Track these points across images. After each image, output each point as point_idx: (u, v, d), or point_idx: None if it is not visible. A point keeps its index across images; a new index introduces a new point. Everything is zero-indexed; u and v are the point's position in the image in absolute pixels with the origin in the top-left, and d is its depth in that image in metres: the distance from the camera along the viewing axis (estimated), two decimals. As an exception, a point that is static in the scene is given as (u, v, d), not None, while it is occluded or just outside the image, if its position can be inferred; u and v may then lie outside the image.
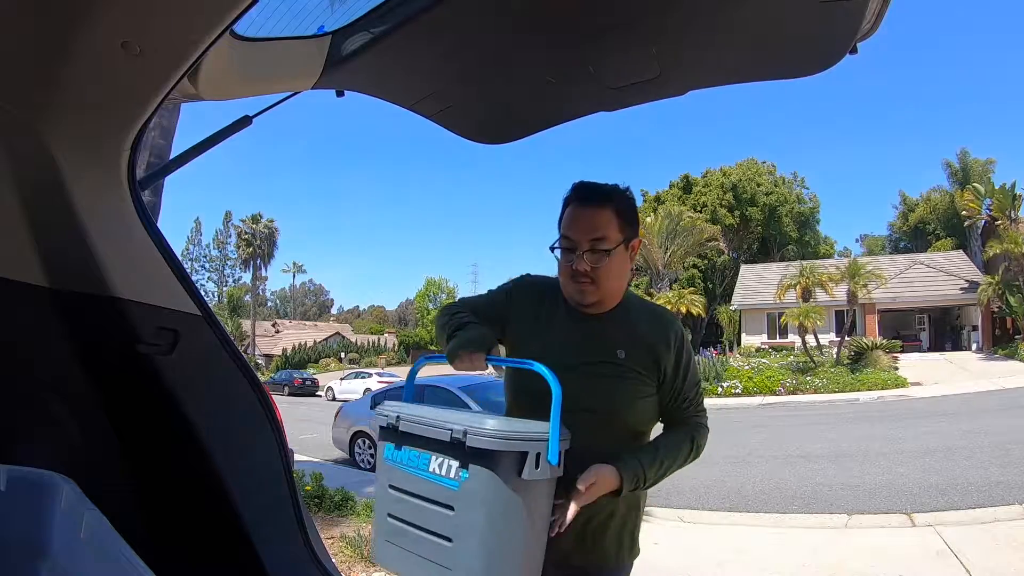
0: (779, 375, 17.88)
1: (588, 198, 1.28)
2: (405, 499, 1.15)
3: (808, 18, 1.11)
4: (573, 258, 1.26)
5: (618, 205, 1.28)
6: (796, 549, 4.14)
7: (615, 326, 1.32)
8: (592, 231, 1.25)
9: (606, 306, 1.33)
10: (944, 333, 28.15)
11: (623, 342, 1.30)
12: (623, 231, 1.28)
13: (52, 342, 1.01)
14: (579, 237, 1.26)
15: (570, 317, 1.34)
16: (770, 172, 37.23)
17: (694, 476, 6.51)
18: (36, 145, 0.87)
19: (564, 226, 1.29)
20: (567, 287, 1.32)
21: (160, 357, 1.05)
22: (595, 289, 1.28)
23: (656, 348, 1.30)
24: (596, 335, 1.30)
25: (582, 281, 1.27)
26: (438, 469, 1.10)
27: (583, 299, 1.29)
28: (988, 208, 22.49)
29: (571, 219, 1.28)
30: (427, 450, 1.12)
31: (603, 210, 1.26)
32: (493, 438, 1.04)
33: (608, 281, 1.28)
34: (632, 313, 1.35)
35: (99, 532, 0.51)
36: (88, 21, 0.74)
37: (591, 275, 1.26)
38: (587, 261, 1.25)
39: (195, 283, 1.15)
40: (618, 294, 1.34)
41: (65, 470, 0.63)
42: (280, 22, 1.17)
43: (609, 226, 1.26)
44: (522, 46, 1.24)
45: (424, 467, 1.12)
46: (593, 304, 1.31)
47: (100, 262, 0.97)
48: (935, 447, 7.63)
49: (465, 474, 1.06)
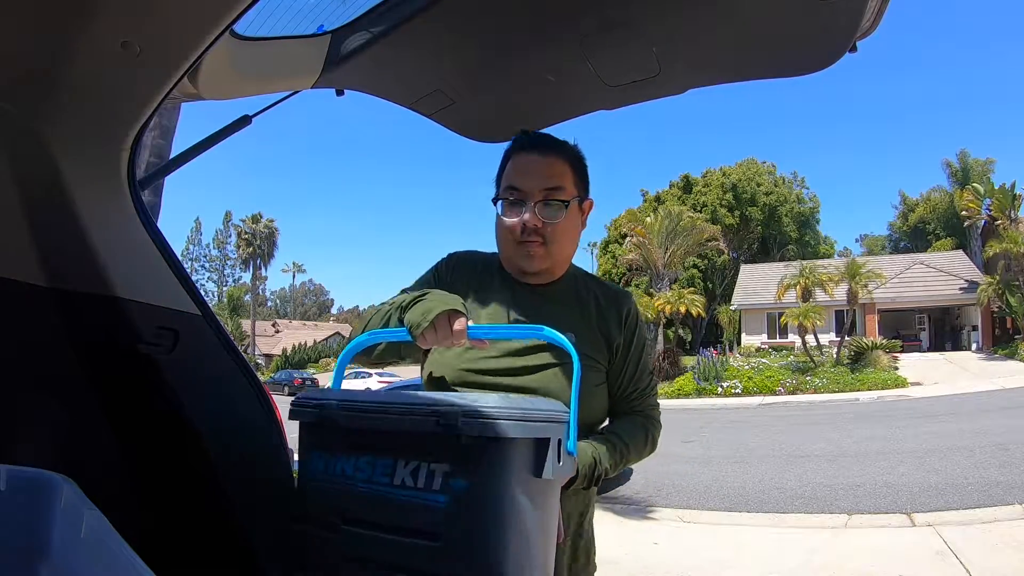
0: (779, 375, 17.88)
1: (541, 144, 1.11)
2: (357, 534, 0.77)
3: (808, 16, 1.11)
4: (522, 212, 1.07)
5: (572, 157, 1.12)
6: (796, 549, 4.14)
7: (563, 302, 1.14)
8: (547, 180, 1.07)
9: (554, 275, 1.15)
10: (944, 333, 28.15)
11: (573, 321, 1.10)
12: (576, 186, 1.12)
13: (52, 342, 1.01)
14: (531, 186, 1.07)
15: (511, 292, 1.14)
16: (770, 172, 37.22)
17: (694, 476, 6.52)
18: (36, 145, 0.87)
19: (510, 176, 1.10)
20: (510, 252, 1.11)
21: (160, 357, 1.05)
22: (545, 253, 1.09)
23: (608, 326, 1.13)
24: (543, 313, 1.08)
25: (531, 241, 1.07)
26: (410, 480, 0.74)
27: (530, 265, 1.09)
28: (988, 208, 22.45)
29: (521, 167, 1.09)
30: (387, 453, 0.77)
31: (558, 159, 1.10)
32: (504, 419, 0.71)
33: (560, 243, 1.10)
34: (580, 286, 1.17)
35: (99, 532, 0.51)
36: (88, 21, 0.74)
37: (543, 233, 1.07)
38: (540, 216, 1.06)
39: (195, 283, 1.15)
40: (566, 263, 1.16)
41: (65, 470, 0.63)
42: (280, 22, 1.17)
43: (565, 176, 1.09)
44: (522, 44, 1.24)
45: (384, 480, 0.76)
46: (540, 273, 1.12)
47: (100, 262, 0.97)
48: (935, 447, 7.62)
49: (460, 482, 0.71)
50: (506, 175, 1.11)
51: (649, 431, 1.16)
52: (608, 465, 1.03)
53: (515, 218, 1.07)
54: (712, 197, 34.81)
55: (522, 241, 1.07)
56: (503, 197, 1.10)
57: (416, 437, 0.74)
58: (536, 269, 1.10)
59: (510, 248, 1.10)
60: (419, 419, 0.73)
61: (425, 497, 0.73)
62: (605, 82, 1.32)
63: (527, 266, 1.10)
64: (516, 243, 1.08)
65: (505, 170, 1.12)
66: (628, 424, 1.14)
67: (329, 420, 0.82)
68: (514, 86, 1.39)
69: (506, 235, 1.10)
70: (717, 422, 12.00)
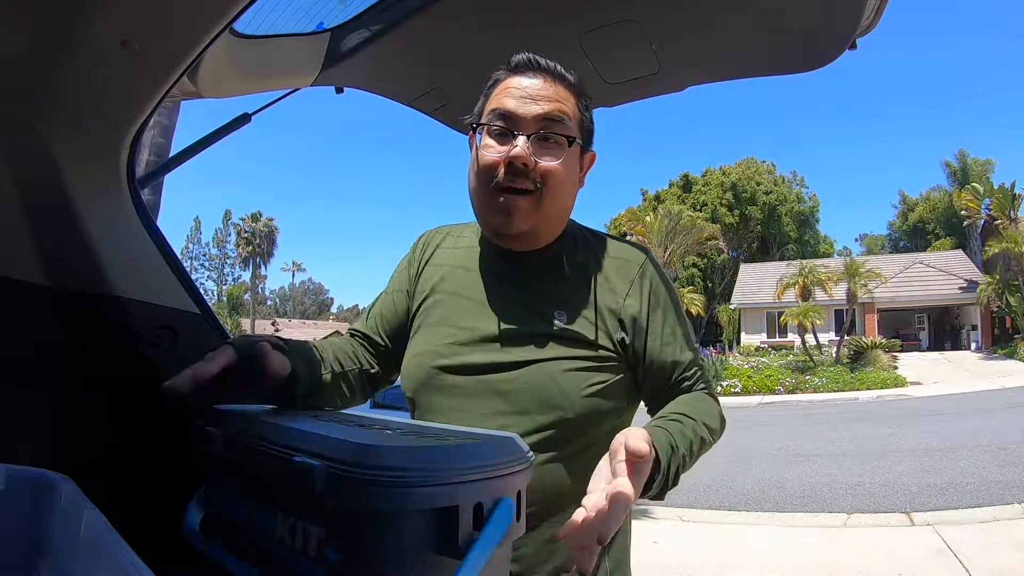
0: (778, 374, 17.86)
1: (540, 66, 0.84)
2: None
3: (807, 13, 1.11)
4: (510, 146, 0.80)
5: (577, 90, 0.86)
6: (795, 548, 4.14)
7: (554, 271, 0.87)
8: (545, 105, 0.81)
9: (541, 238, 0.87)
10: (943, 332, 28.17)
11: (565, 296, 0.85)
12: (581, 128, 0.86)
13: (51, 341, 1.01)
14: (522, 111, 0.80)
15: (489, 260, 0.90)
16: (770, 171, 37.29)
17: (693, 475, 6.50)
18: (36, 144, 0.87)
19: (499, 98, 0.83)
20: (486, 203, 0.83)
21: (159, 356, 1.05)
22: (532, 206, 0.81)
23: (617, 297, 0.85)
24: (526, 286, 0.86)
25: (517, 188, 0.80)
26: (288, 539, 0.55)
27: (508, 223, 0.81)
28: (987, 208, 22.49)
29: (516, 89, 0.83)
30: (267, 502, 0.59)
31: (558, 85, 0.84)
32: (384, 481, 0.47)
33: (556, 193, 0.82)
34: (580, 250, 0.89)
35: (98, 531, 0.51)
36: (88, 19, 0.73)
37: (534, 176, 0.80)
38: (532, 151, 0.79)
39: (195, 282, 1.15)
40: (561, 222, 0.89)
41: (65, 470, 0.63)
42: (279, 19, 1.17)
43: (569, 104, 0.84)
44: (521, 41, 1.24)
45: (267, 531, 0.58)
46: (524, 235, 0.84)
47: (99, 261, 0.97)
48: (934, 446, 7.63)
49: (333, 553, 0.51)
50: (492, 98, 0.84)
51: (716, 405, 0.86)
52: (685, 451, 0.75)
53: (499, 153, 0.80)
54: (712, 196, 34.85)
55: (505, 186, 0.80)
56: (486, 124, 0.83)
57: (288, 487, 0.54)
58: (518, 229, 0.82)
59: (486, 198, 0.83)
60: (287, 466, 0.52)
61: (303, 565, 0.53)
62: (604, 79, 1.31)
63: (506, 225, 0.82)
64: (496, 190, 0.81)
65: (491, 94, 0.85)
66: (689, 399, 0.85)
67: (223, 452, 0.66)
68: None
69: (483, 178, 0.82)
70: (717, 421, 11.99)
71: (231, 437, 0.65)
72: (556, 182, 0.82)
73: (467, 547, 0.49)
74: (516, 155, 0.79)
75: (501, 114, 0.82)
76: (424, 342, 0.89)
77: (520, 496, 0.55)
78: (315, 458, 0.50)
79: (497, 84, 0.86)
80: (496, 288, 0.87)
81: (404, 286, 0.97)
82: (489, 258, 0.91)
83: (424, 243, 0.99)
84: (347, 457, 0.49)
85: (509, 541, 0.54)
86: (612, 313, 0.85)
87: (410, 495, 0.48)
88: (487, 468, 0.53)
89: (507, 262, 0.89)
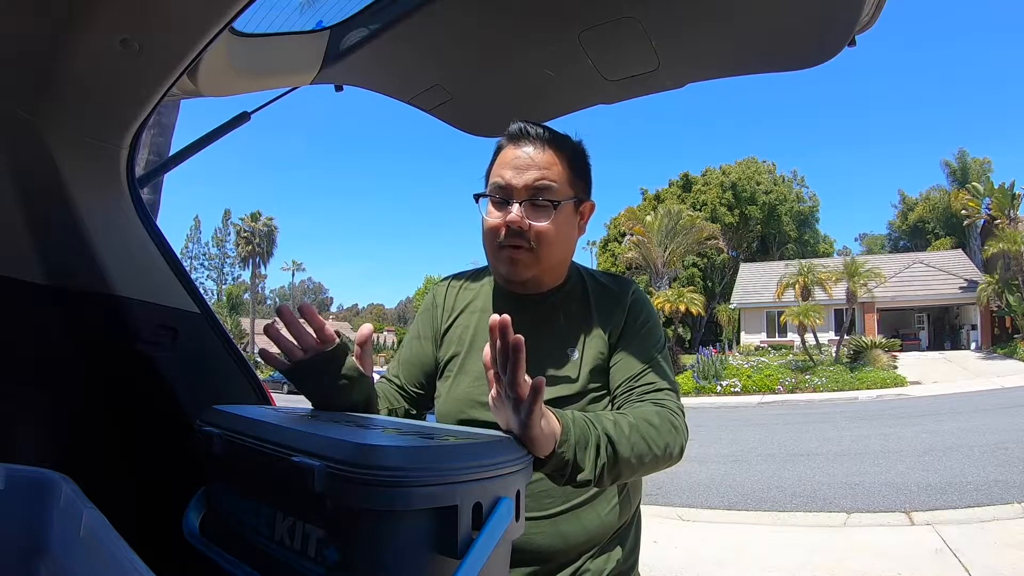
0: (778, 374, 17.88)
1: (535, 137, 0.99)
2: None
3: (806, 9, 1.11)
4: (506, 212, 0.96)
5: (568, 151, 1.01)
6: (795, 547, 4.14)
7: (565, 310, 1.02)
8: (533, 175, 0.96)
9: (545, 284, 1.03)
10: (943, 332, 28.19)
11: (576, 333, 0.99)
12: (573, 186, 1.00)
13: (51, 340, 1.01)
14: (515, 182, 0.96)
15: (504, 302, 1.02)
16: (770, 171, 37.29)
17: (693, 474, 6.52)
18: (36, 144, 0.87)
19: (498, 170, 0.99)
20: (494, 257, 1.00)
21: (159, 355, 1.05)
22: (532, 259, 0.96)
23: (612, 328, 1.00)
24: (541, 323, 0.99)
25: (515, 245, 0.96)
26: (287, 539, 0.56)
27: (513, 272, 0.98)
28: (987, 207, 22.51)
29: (510, 161, 0.98)
30: (268, 501, 0.61)
31: (554, 155, 0.98)
32: (383, 480, 0.48)
33: (550, 248, 0.97)
34: (585, 289, 1.05)
35: (98, 531, 0.51)
36: (87, 19, 0.73)
37: (528, 236, 0.95)
38: (525, 217, 0.95)
39: (194, 281, 1.15)
40: (561, 269, 1.04)
41: (65, 469, 0.63)
42: (278, 18, 1.17)
43: (559, 175, 0.98)
44: (521, 38, 1.24)
45: (267, 531, 0.59)
46: (527, 282, 1.00)
47: (99, 260, 0.97)
48: (934, 446, 7.64)
49: (333, 553, 0.52)
50: (494, 169, 1.01)
51: (668, 418, 0.88)
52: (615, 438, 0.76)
53: (498, 218, 0.97)
54: (712, 196, 34.85)
55: (505, 244, 0.96)
56: (488, 194, 1.00)
57: (287, 487, 0.56)
58: (521, 278, 0.98)
59: (493, 253, 0.99)
60: (286, 466, 0.53)
61: (303, 564, 0.54)
62: (604, 76, 1.31)
63: (510, 273, 0.98)
64: (499, 247, 0.97)
65: (494, 164, 1.02)
66: (635, 409, 0.90)
67: (220, 451, 0.67)
68: (513, 80, 1.39)
69: (490, 238, 0.99)
70: (716, 421, 12.01)
71: (231, 437, 0.65)
72: (547, 240, 0.97)
73: (466, 546, 0.49)
74: (511, 220, 0.95)
75: (500, 186, 0.98)
76: (457, 384, 1.02)
77: (519, 496, 0.55)
78: (314, 458, 0.51)
79: (499, 153, 1.02)
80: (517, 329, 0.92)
81: (430, 332, 1.11)
82: (506, 298, 1.04)
83: (441, 285, 1.15)
84: (346, 457, 0.49)
85: (508, 541, 0.54)
86: (606, 343, 0.99)
87: (409, 495, 0.48)
88: (486, 468, 0.53)
89: (519, 301, 1.02)
